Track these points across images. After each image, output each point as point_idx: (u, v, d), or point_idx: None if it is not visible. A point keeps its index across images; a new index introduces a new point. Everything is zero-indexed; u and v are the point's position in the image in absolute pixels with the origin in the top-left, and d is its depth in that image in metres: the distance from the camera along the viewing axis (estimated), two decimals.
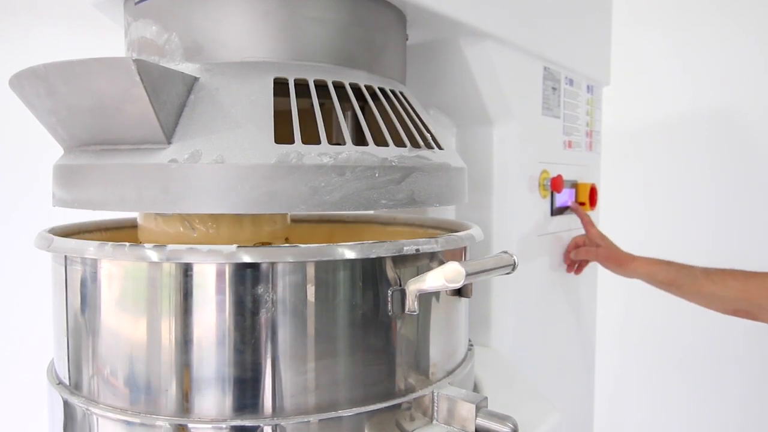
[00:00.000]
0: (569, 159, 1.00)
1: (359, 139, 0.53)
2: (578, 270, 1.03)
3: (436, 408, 0.53)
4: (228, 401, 0.46)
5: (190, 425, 0.46)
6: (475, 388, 0.67)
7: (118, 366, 0.49)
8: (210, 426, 0.46)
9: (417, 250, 0.50)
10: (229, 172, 0.45)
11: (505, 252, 0.56)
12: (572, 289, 1.05)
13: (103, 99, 0.45)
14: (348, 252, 0.47)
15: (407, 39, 0.68)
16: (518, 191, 0.85)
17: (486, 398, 0.53)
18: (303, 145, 0.48)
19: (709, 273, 0.85)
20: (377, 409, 0.50)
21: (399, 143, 0.54)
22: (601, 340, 1.18)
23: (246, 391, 0.46)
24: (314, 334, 0.47)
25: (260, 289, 0.46)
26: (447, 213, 0.87)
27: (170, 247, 0.45)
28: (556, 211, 0.96)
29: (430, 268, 0.50)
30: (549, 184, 0.91)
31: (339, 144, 0.50)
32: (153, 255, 0.45)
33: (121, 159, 0.47)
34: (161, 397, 0.47)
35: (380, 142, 0.53)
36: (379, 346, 0.50)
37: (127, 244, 0.46)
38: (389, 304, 0.50)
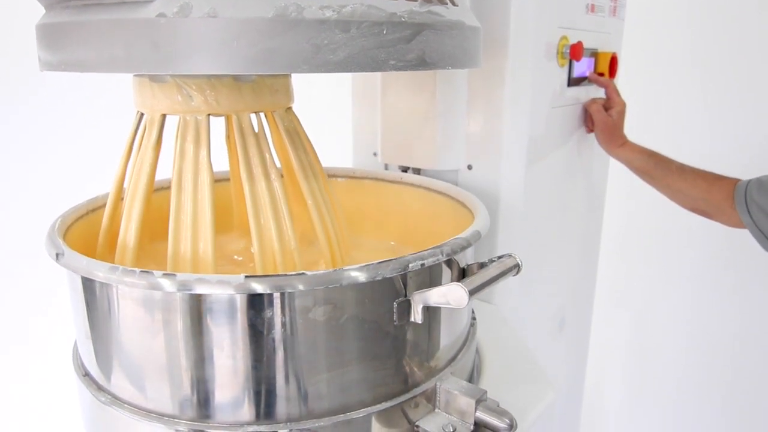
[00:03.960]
0: (591, 25, 0.93)
1: None
2: (588, 129, 1.00)
3: (438, 398, 0.55)
4: (244, 409, 0.49)
5: (208, 430, 0.49)
6: (477, 354, 0.69)
7: (138, 374, 0.51)
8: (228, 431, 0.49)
9: (422, 264, 0.49)
10: (223, 27, 0.41)
11: (510, 255, 0.56)
12: (586, 162, 1.02)
13: None
14: (356, 275, 0.46)
15: None
16: (535, 58, 0.80)
17: (485, 392, 0.53)
18: None
19: (683, 170, 0.90)
20: (385, 408, 0.52)
21: None
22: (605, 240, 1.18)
23: (260, 400, 0.48)
24: (324, 350, 0.49)
25: (269, 313, 0.46)
26: (457, 78, 0.82)
27: (180, 276, 0.45)
28: (574, 81, 0.91)
29: (435, 273, 0.52)
30: (568, 51, 0.86)
31: None
32: (163, 284, 0.45)
33: (105, 14, 0.43)
34: (181, 404, 0.49)
35: None
36: (386, 352, 0.52)
37: (138, 270, 0.46)
38: (395, 315, 0.50)
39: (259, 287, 0.44)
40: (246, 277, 0.44)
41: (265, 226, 0.58)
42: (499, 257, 0.56)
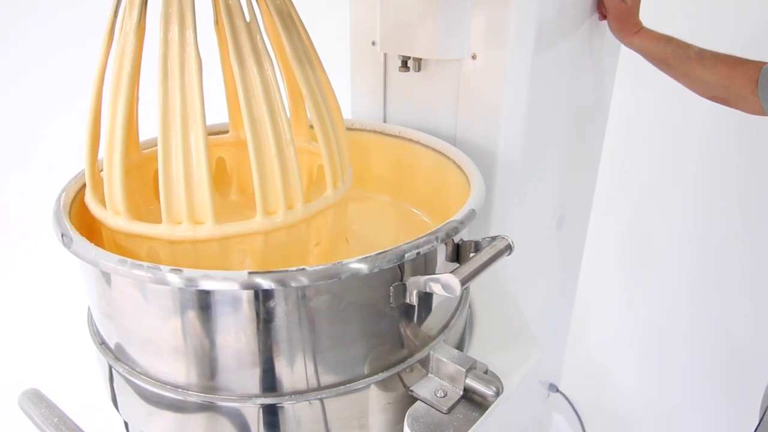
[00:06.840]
0: None
1: None
2: (601, 16, 0.94)
3: (431, 364, 0.58)
4: (250, 384, 0.52)
5: (218, 402, 0.52)
6: (469, 309, 0.71)
7: (150, 351, 0.53)
8: (237, 404, 0.52)
9: (418, 253, 0.51)
10: None
11: (502, 237, 0.56)
12: (596, 52, 0.97)
13: None
14: (357, 267, 0.48)
15: None
16: None
17: (475, 361, 0.56)
18: None
19: (702, 56, 0.84)
20: (382, 378, 0.55)
21: None
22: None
23: (265, 377, 0.51)
24: (324, 333, 0.51)
25: (273, 304, 0.48)
26: None
27: (187, 272, 0.46)
28: None
29: (430, 253, 0.54)
30: None
31: None
32: (170, 279, 0.46)
33: None
34: (192, 378, 0.52)
35: None
36: (383, 330, 0.54)
37: (146, 264, 0.47)
38: (391, 298, 0.52)
39: (263, 283, 0.46)
40: (249, 273, 0.46)
41: (258, 116, 0.55)
42: (492, 238, 0.56)
